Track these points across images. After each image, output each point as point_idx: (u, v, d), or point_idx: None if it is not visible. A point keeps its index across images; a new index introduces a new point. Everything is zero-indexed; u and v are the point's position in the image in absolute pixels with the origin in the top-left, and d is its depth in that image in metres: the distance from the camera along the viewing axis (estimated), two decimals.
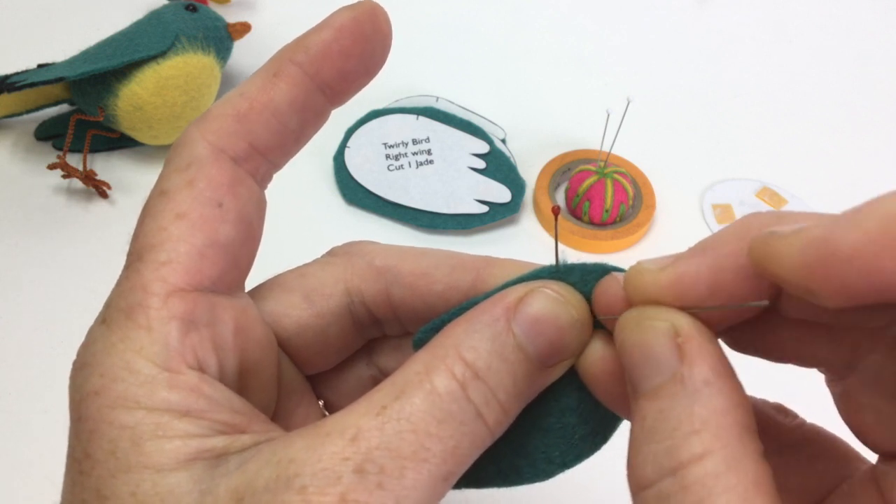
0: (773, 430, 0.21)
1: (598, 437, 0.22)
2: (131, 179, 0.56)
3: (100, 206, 0.54)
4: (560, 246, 0.54)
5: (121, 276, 0.20)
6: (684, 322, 0.18)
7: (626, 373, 0.19)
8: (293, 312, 0.24)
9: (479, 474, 0.21)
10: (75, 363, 0.20)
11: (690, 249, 0.19)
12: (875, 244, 0.14)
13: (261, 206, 0.22)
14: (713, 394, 0.17)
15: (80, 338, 0.20)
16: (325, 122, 0.23)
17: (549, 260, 0.22)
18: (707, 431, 0.16)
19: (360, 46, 0.22)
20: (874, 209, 0.14)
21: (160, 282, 0.19)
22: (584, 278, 0.21)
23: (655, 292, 0.18)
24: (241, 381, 0.21)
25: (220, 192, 0.21)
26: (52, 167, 0.51)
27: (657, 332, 0.18)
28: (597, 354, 0.20)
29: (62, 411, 0.43)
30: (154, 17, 0.56)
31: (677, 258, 0.18)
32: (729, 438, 0.16)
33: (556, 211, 0.23)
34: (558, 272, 0.21)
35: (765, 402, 0.21)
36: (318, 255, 0.26)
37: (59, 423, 0.41)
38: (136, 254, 0.20)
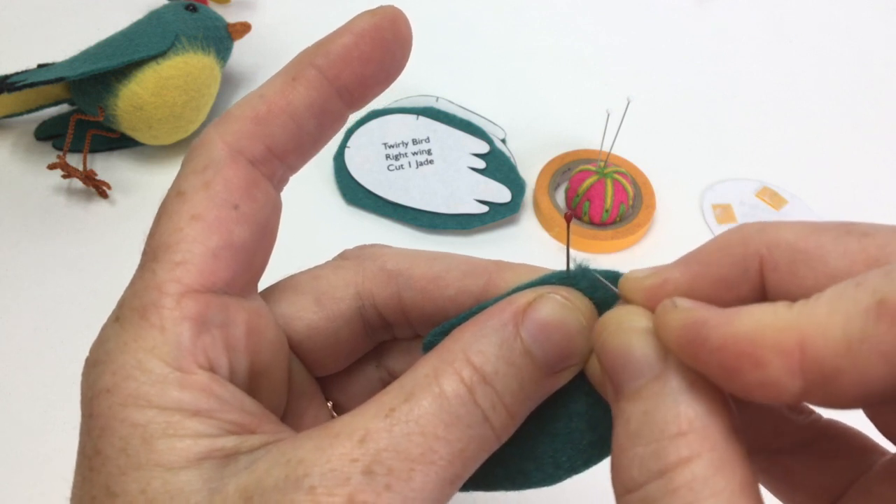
0: (786, 429, 0.21)
1: (606, 443, 0.22)
2: (131, 179, 0.56)
3: (100, 206, 0.54)
4: (561, 246, 0.54)
5: (135, 275, 0.21)
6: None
7: (608, 375, 0.19)
8: (304, 315, 0.24)
9: (488, 477, 0.21)
10: (88, 360, 0.20)
11: (676, 260, 0.19)
12: (737, 346, 0.15)
13: (276, 208, 0.22)
14: (699, 394, 0.17)
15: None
16: (342, 126, 0.23)
17: (547, 260, 0.22)
18: (694, 433, 0.16)
19: (380, 52, 0.22)
20: (751, 314, 0.15)
21: (174, 282, 0.20)
22: (593, 284, 0.21)
23: (639, 297, 0.19)
24: (252, 382, 0.21)
25: (236, 195, 0.21)
26: (52, 167, 0.51)
27: (639, 333, 0.18)
28: None
29: (62, 411, 0.43)
30: (154, 17, 0.56)
31: (662, 266, 0.19)
32: (716, 440, 0.16)
33: (568, 218, 0.23)
34: (569, 278, 0.21)
35: None
36: (319, 255, 0.26)
37: (59, 422, 0.42)
38: (152, 253, 0.20)
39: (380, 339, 0.26)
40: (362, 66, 0.22)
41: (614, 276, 0.21)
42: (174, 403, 0.18)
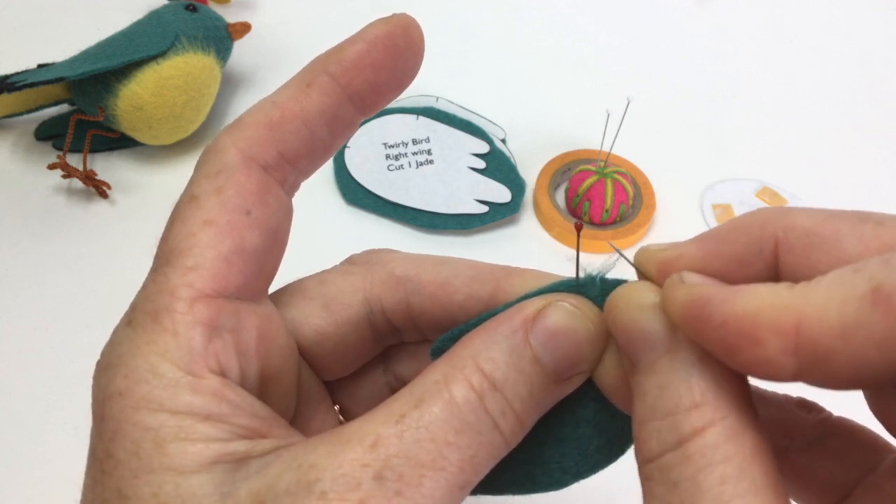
0: (796, 427, 0.21)
1: (614, 448, 0.22)
2: (131, 179, 0.56)
3: (100, 206, 0.54)
4: (560, 247, 0.54)
5: (147, 279, 0.21)
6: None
7: (623, 350, 0.19)
8: (313, 321, 0.24)
9: (495, 481, 0.21)
10: (99, 363, 0.20)
11: (693, 237, 0.20)
12: (737, 324, 0.16)
13: (288, 214, 0.23)
14: (709, 365, 0.17)
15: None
16: (353, 132, 0.23)
17: (547, 259, 0.22)
18: (707, 404, 0.17)
19: (392, 60, 0.22)
20: (753, 294, 0.16)
21: (187, 287, 0.20)
22: (603, 292, 0.21)
23: (652, 269, 0.19)
24: (262, 387, 0.21)
25: (248, 200, 0.21)
26: (52, 167, 0.51)
27: (647, 309, 0.19)
28: (614, 365, 0.21)
29: (62, 411, 0.43)
30: (154, 17, 0.56)
31: (678, 242, 0.20)
32: (728, 409, 0.17)
33: (578, 227, 0.23)
34: (578, 286, 0.21)
35: (787, 398, 0.22)
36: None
37: (59, 422, 0.42)
38: (164, 257, 0.20)
39: (387, 343, 0.26)
40: (375, 73, 0.22)
41: (621, 284, 0.21)
42: (186, 407, 0.18)
